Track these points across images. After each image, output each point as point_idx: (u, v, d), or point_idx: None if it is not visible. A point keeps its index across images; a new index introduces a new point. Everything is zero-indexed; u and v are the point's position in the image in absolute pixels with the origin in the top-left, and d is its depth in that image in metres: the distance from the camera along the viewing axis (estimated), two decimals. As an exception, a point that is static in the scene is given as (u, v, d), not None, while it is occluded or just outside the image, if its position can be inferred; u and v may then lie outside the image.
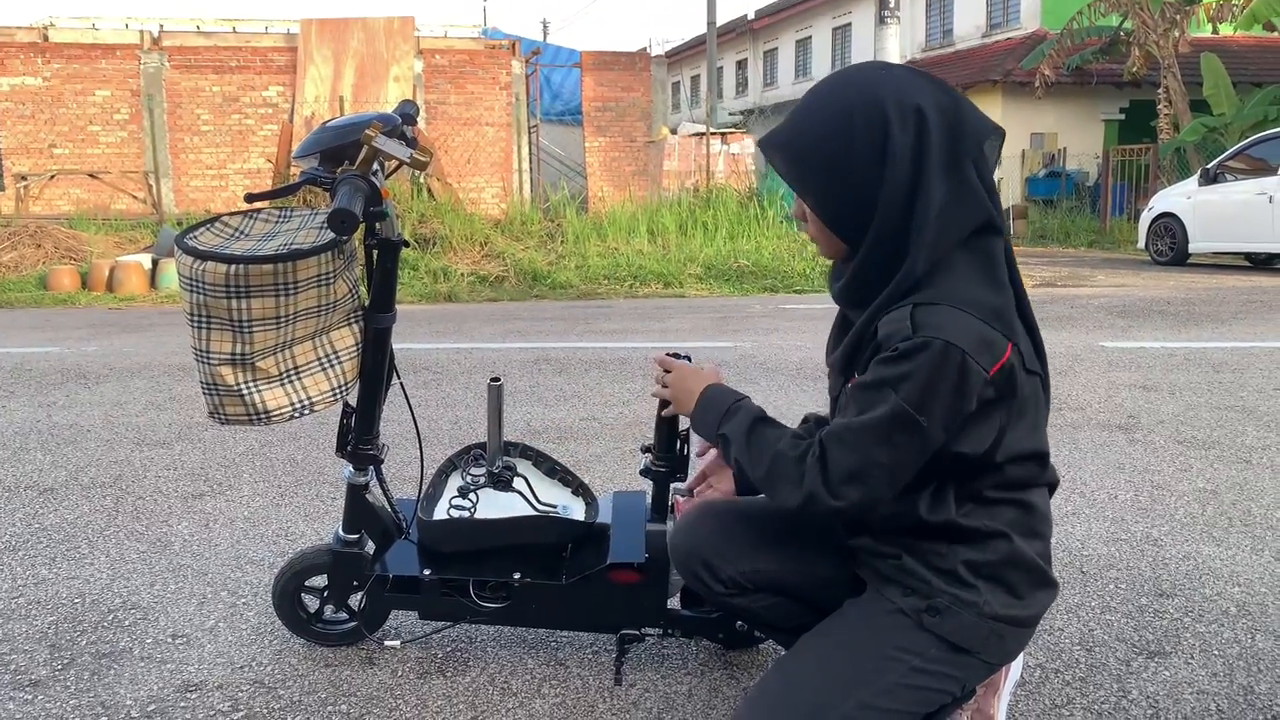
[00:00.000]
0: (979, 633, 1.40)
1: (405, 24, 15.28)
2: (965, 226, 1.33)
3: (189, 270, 1.65)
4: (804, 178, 1.38)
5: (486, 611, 1.94)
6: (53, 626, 2.25)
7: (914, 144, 1.30)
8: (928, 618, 1.40)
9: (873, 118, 1.31)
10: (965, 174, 1.32)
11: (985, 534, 1.39)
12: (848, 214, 1.36)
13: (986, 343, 1.28)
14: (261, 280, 1.63)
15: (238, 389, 1.72)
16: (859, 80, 1.36)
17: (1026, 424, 1.38)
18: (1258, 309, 7.77)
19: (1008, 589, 1.41)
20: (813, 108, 1.38)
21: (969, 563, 1.40)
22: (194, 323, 1.68)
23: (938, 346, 1.26)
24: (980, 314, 1.29)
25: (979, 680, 1.48)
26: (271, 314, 1.66)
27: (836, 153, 1.33)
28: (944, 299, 1.30)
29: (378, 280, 1.83)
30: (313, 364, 1.79)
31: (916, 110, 1.31)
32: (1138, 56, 16.52)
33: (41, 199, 14.51)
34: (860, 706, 1.37)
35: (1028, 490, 1.43)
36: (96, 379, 5.36)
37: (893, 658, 1.40)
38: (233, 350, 1.68)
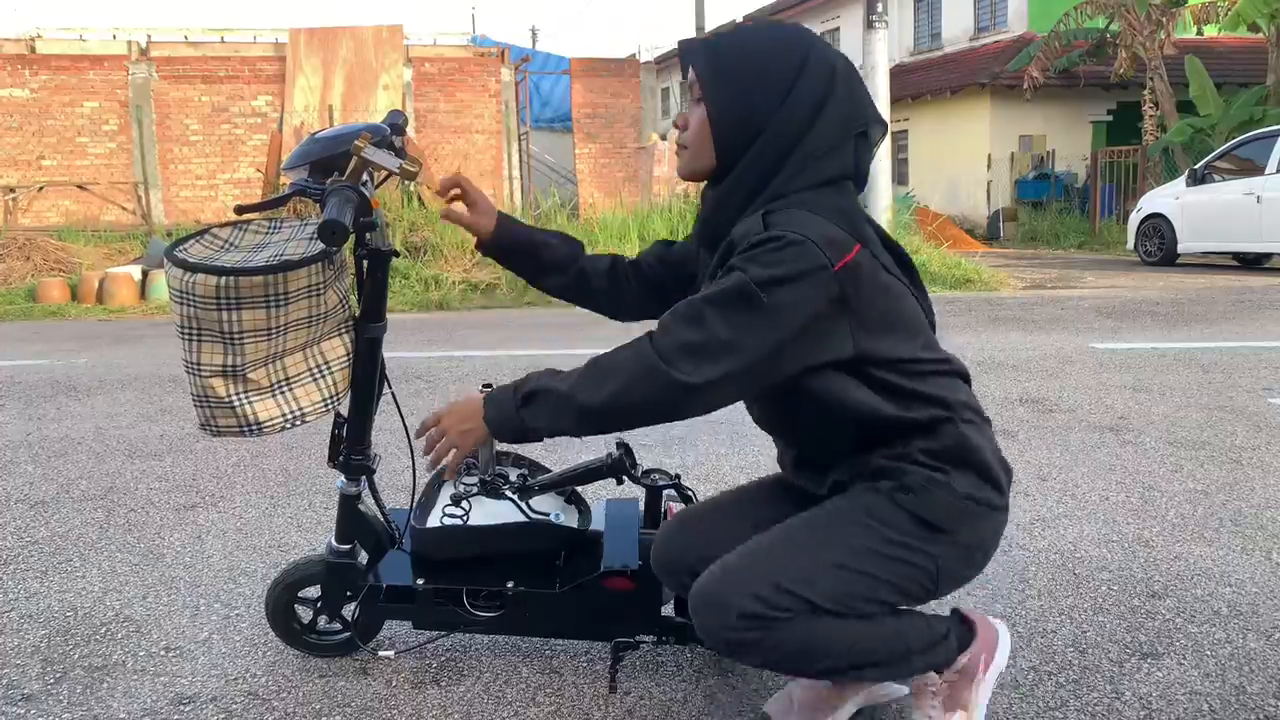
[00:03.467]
0: (951, 509, 1.47)
1: (394, 33, 15.28)
2: (833, 174, 1.45)
3: (179, 283, 1.64)
4: (716, 82, 1.48)
5: (480, 620, 1.94)
6: (45, 640, 2.24)
7: (820, 93, 1.43)
8: (900, 495, 1.47)
9: (793, 56, 1.45)
10: (848, 135, 1.45)
11: (930, 421, 1.47)
12: (737, 130, 1.46)
13: (833, 240, 1.37)
14: (252, 292, 1.63)
15: (229, 401, 1.72)
16: (794, 29, 1.50)
17: (902, 331, 1.47)
18: (1247, 309, 7.80)
19: (974, 471, 1.49)
20: (746, 31, 1.50)
21: (928, 450, 1.48)
22: (184, 335, 1.68)
23: (788, 237, 1.35)
24: (828, 215, 1.40)
25: (953, 568, 1.53)
26: (262, 325, 1.66)
27: (753, 71, 1.45)
28: (793, 204, 1.41)
29: (369, 290, 1.84)
30: (304, 375, 1.79)
31: (831, 68, 1.45)
32: (1124, 58, 16.60)
33: (30, 211, 14.47)
34: (834, 564, 1.44)
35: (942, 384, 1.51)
36: (87, 391, 5.35)
37: (866, 524, 1.47)
38: (224, 362, 1.68)
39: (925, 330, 1.52)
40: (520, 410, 1.47)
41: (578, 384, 1.43)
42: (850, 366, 1.44)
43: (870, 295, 1.41)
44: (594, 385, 1.42)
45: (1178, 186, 12.27)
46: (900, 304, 1.47)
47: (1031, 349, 6.04)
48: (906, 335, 1.47)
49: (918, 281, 1.55)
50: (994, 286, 10.10)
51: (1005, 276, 10.78)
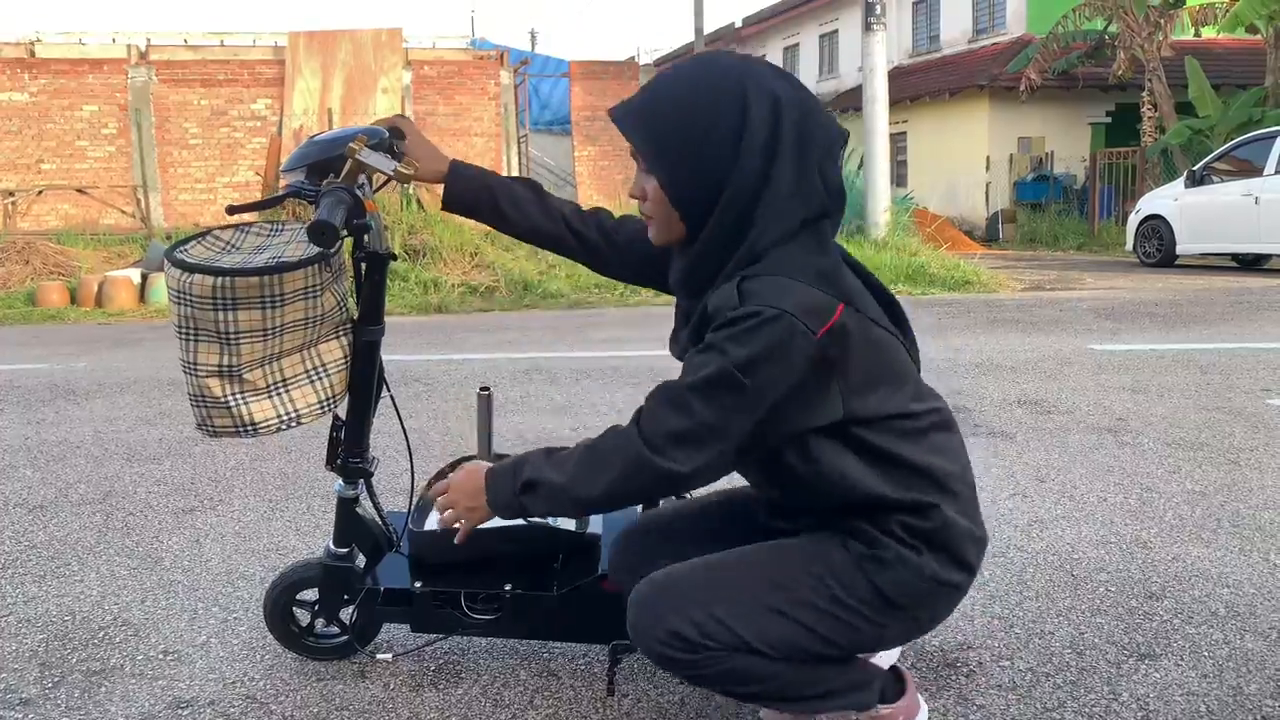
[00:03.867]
0: (915, 590, 1.43)
1: (393, 35, 15.30)
2: (799, 217, 1.36)
3: (177, 283, 1.65)
4: (656, 150, 1.39)
5: (478, 623, 1.94)
6: (43, 644, 2.24)
7: (769, 131, 1.34)
8: (868, 564, 1.43)
9: (734, 99, 1.34)
10: (810, 163, 1.36)
11: (914, 504, 1.43)
12: (694, 192, 1.38)
13: (811, 308, 1.31)
14: (248, 293, 1.63)
15: (225, 401, 1.72)
16: (721, 64, 1.39)
17: (891, 383, 1.41)
18: (1245, 310, 7.81)
19: (948, 554, 1.45)
20: (673, 85, 1.39)
21: (907, 526, 1.43)
22: (182, 335, 1.69)
23: (765, 313, 1.29)
24: (805, 279, 1.33)
25: (900, 639, 1.52)
26: (259, 326, 1.66)
27: (695, 129, 1.35)
28: (769, 271, 1.34)
29: (366, 293, 1.84)
30: (300, 376, 1.79)
31: (774, 98, 1.34)
32: (1123, 60, 16.62)
33: (29, 215, 14.47)
34: (769, 608, 1.42)
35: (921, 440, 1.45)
36: (86, 395, 5.35)
37: (819, 579, 1.44)
38: (220, 362, 1.68)
39: (914, 379, 1.47)
40: (519, 497, 1.49)
41: (574, 476, 1.44)
42: (838, 430, 1.40)
43: (858, 354, 1.36)
44: (588, 477, 1.42)
45: (1176, 188, 12.28)
46: (890, 356, 1.42)
47: (1030, 350, 6.05)
48: (895, 387, 1.42)
49: (904, 325, 1.50)
50: (993, 288, 10.10)
51: (1004, 278, 10.78)
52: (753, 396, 1.31)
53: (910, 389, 1.45)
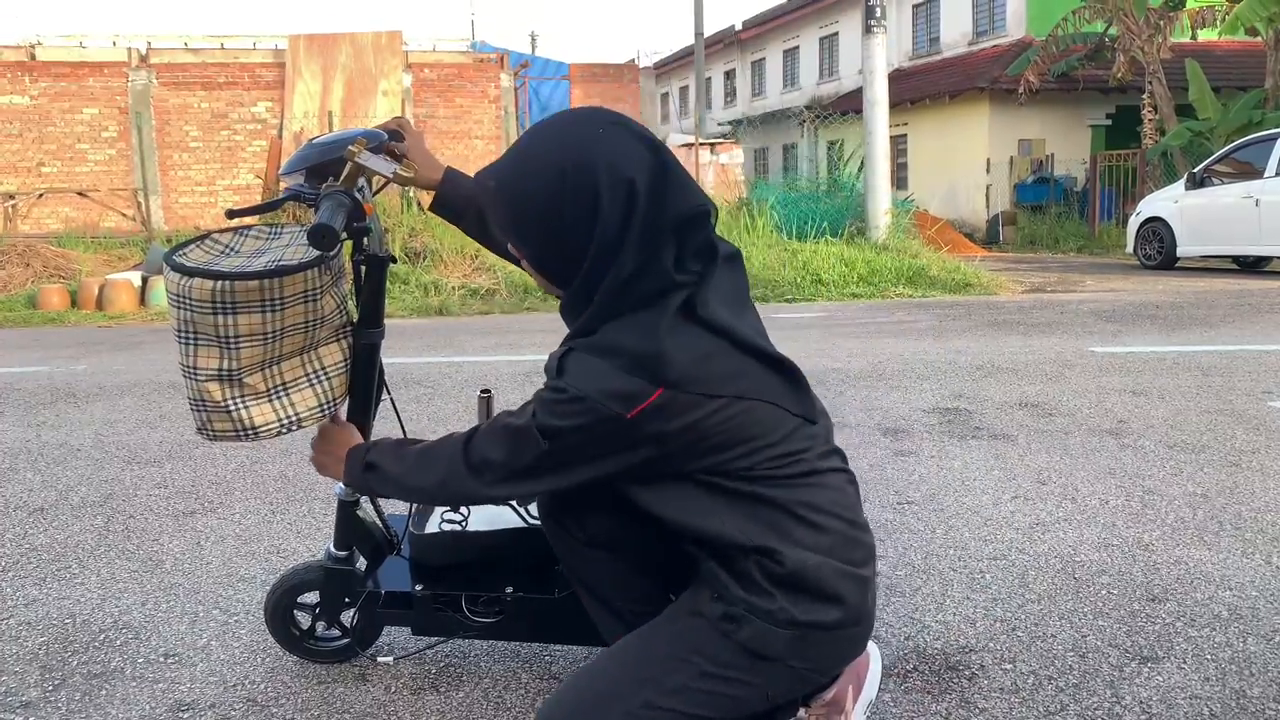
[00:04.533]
0: (778, 640, 1.40)
1: (393, 38, 15.31)
2: (643, 295, 1.36)
3: (176, 287, 1.65)
4: (515, 230, 1.43)
5: (479, 626, 1.94)
6: (43, 647, 2.23)
7: (621, 215, 1.34)
8: (725, 624, 1.41)
9: (584, 185, 1.34)
10: (658, 252, 1.35)
11: (758, 548, 1.40)
12: (559, 267, 1.43)
13: (618, 393, 1.32)
14: (248, 296, 1.63)
15: (225, 405, 1.72)
16: (575, 140, 1.38)
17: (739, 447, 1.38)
18: (1246, 312, 7.81)
19: (810, 594, 1.40)
20: (529, 161, 1.40)
21: (764, 569, 1.40)
22: (181, 339, 1.68)
23: (570, 393, 1.34)
24: (621, 364, 1.33)
25: (793, 688, 1.48)
26: (258, 330, 1.66)
27: (551, 213, 1.37)
28: (591, 348, 1.36)
29: (366, 296, 1.84)
30: (301, 380, 1.79)
31: (628, 182, 1.34)
32: (1123, 62, 16.64)
33: (30, 218, 14.48)
34: (645, 705, 1.40)
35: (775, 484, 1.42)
36: (86, 398, 5.35)
37: (683, 659, 1.42)
38: (220, 366, 1.68)
39: (782, 439, 1.41)
40: (364, 474, 1.64)
41: (407, 470, 1.57)
42: (671, 475, 1.41)
43: (685, 427, 1.34)
44: (419, 475, 1.56)
45: (1177, 190, 12.28)
46: (735, 423, 1.37)
47: (1031, 353, 6.05)
48: (741, 452, 1.39)
49: (794, 377, 1.45)
50: (993, 290, 10.10)
51: (1005, 280, 10.79)
52: (552, 457, 1.39)
53: (768, 449, 1.40)
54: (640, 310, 1.36)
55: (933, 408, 4.53)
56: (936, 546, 2.74)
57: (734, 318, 1.42)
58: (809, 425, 1.46)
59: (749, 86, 31.83)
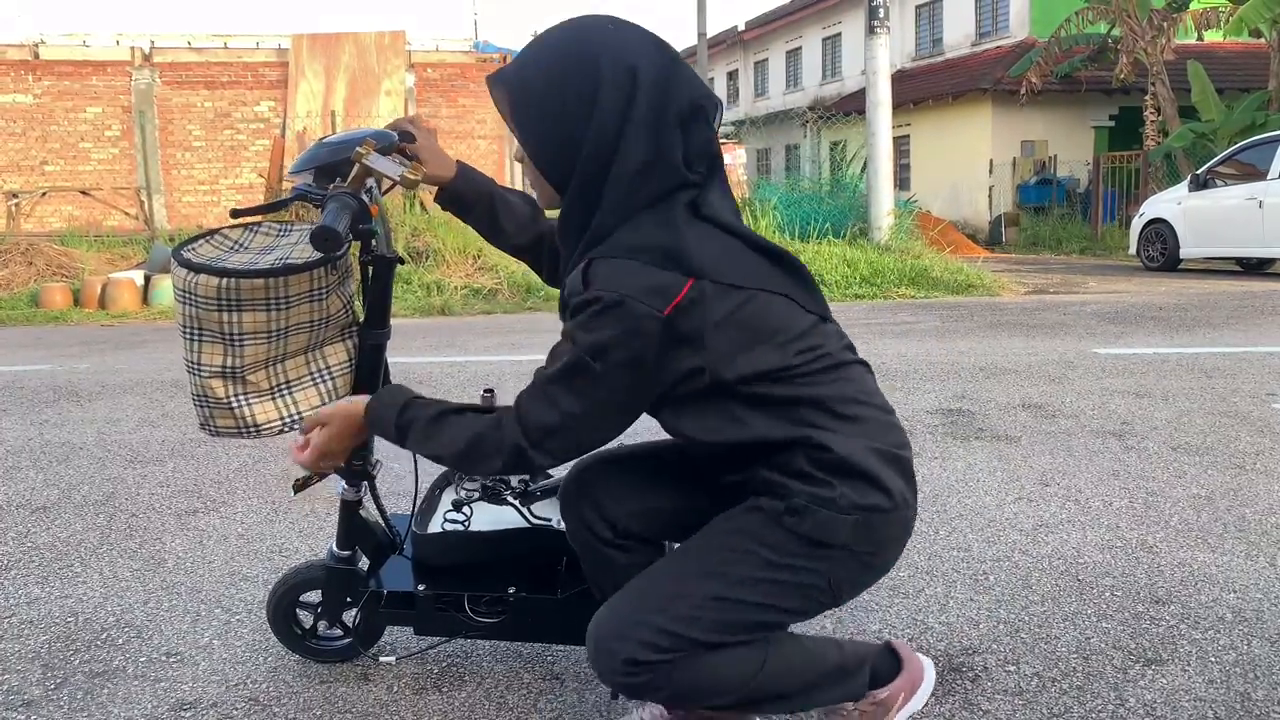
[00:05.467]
0: (840, 525, 1.41)
1: (396, 38, 15.31)
2: (654, 192, 1.37)
3: (182, 282, 1.65)
4: (521, 119, 1.43)
5: (482, 626, 1.93)
6: (46, 646, 2.23)
7: (622, 102, 1.35)
8: (788, 518, 1.41)
9: (586, 69, 1.36)
10: (667, 136, 1.36)
11: (802, 439, 1.41)
12: (556, 159, 1.41)
13: (654, 288, 1.31)
14: (253, 294, 1.63)
15: (227, 402, 1.72)
16: (583, 32, 1.40)
17: (767, 343, 1.39)
18: (1249, 314, 7.79)
19: (865, 479, 1.42)
20: (538, 52, 1.42)
21: (816, 461, 1.41)
22: (186, 335, 1.68)
23: (606, 299, 1.30)
24: (649, 258, 1.33)
25: (854, 583, 1.50)
26: (263, 328, 1.66)
27: (550, 97, 1.38)
28: (614, 251, 1.35)
29: (372, 297, 1.83)
30: (304, 378, 1.78)
31: (630, 70, 1.35)
32: (1126, 64, 16.61)
33: (33, 216, 14.49)
34: (712, 598, 1.41)
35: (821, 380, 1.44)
36: (89, 396, 5.35)
37: (747, 550, 1.42)
38: (223, 363, 1.68)
39: (803, 333, 1.43)
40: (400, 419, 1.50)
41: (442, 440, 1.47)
42: (712, 388, 1.40)
43: (719, 321, 1.35)
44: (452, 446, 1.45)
45: (1180, 191, 12.27)
46: (762, 317, 1.39)
47: (1034, 354, 6.04)
48: (773, 345, 1.40)
49: (800, 275, 1.47)
50: (996, 292, 10.09)
51: (1007, 281, 10.78)
52: (607, 379, 1.33)
53: (795, 346, 1.42)
54: (649, 209, 1.37)
55: (935, 409, 4.52)
56: (940, 548, 2.74)
57: (736, 220, 1.44)
58: (824, 323, 1.48)
59: (752, 87, 31.82)
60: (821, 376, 1.44)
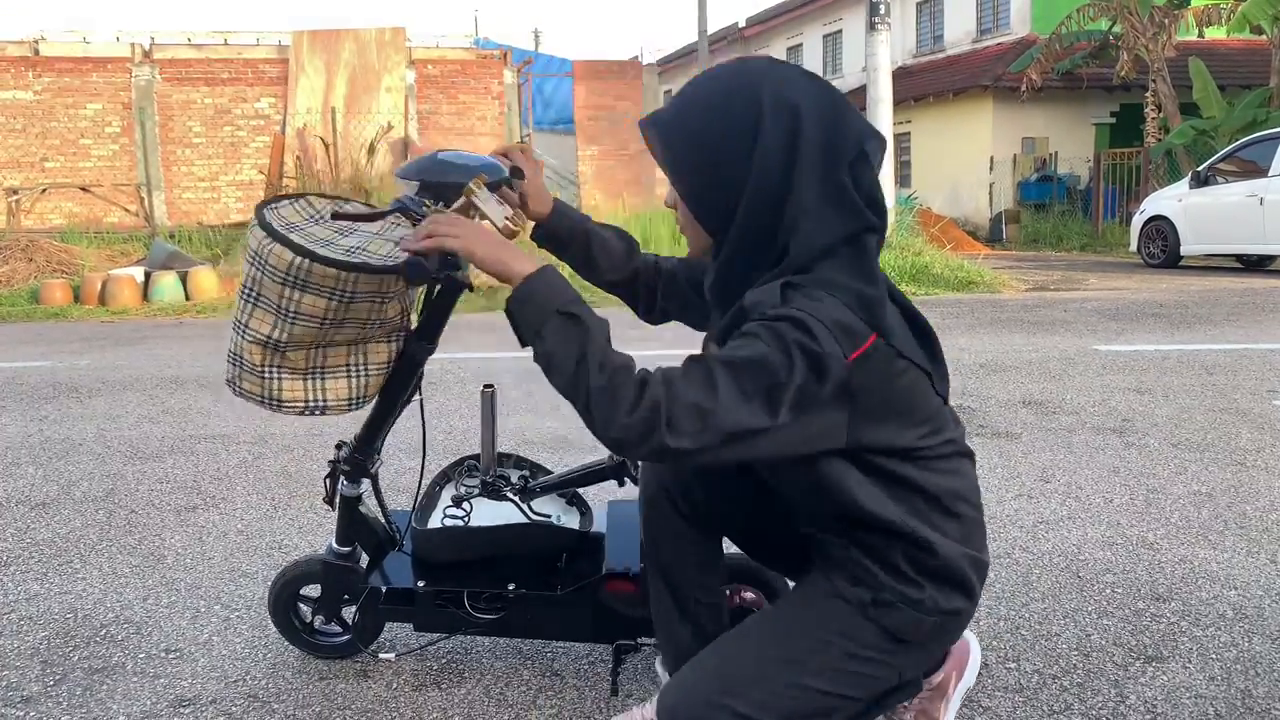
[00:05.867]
0: (923, 627, 1.40)
1: (396, 34, 15.30)
2: (838, 232, 1.32)
3: (257, 244, 1.62)
4: (675, 160, 1.37)
5: (481, 623, 1.93)
6: (45, 642, 2.23)
7: (786, 142, 1.29)
8: (872, 609, 1.40)
9: (747, 107, 1.30)
10: (840, 179, 1.31)
11: (912, 535, 1.38)
12: (714, 203, 1.35)
13: (848, 328, 1.26)
14: (322, 280, 1.61)
15: (260, 370, 1.71)
16: (742, 72, 1.35)
17: (905, 418, 1.37)
18: (1250, 311, 7.79)
19: (953, 585, 1.40)
20: (694, 93, 1.37)
21: (913, 559, 1.39)
22: (243, 295, 1.66)
23: (808, 321, 1.24)
24: (846, 300, 1.28)
25: (920, 667, 1.49)
26: (320, 314, 1.64)
27: (707, 138, 1.32)
28: (816, 282, 1.29)
29: (432, 312, 1.82)
30: (340, 368, 1.77)
31: (792, 107, 1.30)
32: (1127, 60, 16.60)
33: (33, 213, 14.49)
34: (790, 685, 1.38)
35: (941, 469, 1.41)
36: (89, 393, 5.34)
37: (828, 641, 1.40)
38: (269, 334, 1.66)
39: (933, 415, 1.41)
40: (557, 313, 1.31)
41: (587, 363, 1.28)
42: (845, 453, 1.35)
43: (878, 385, 1.31)
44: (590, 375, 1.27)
45: (1181, 189, 12.26)
46: (909, 391, 1.37)
47: (1034, 351, 6.03)
48: (909, 423, 1.37)
49: (935, 351, 1.44)
50: (996, 289, 10.09)
51: (1008, 278, 10.77)
52: (774, 393, 1.24)
53: (927, 427, 1.40)
54: (844, 245, 1.32)
55: (936, 406, 4.51)
56: (940, 544, 2.73)
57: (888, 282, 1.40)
58: (945, 405, 1.45)
59: (752, 84, 31.78)
60: (941, 464, 1.42)
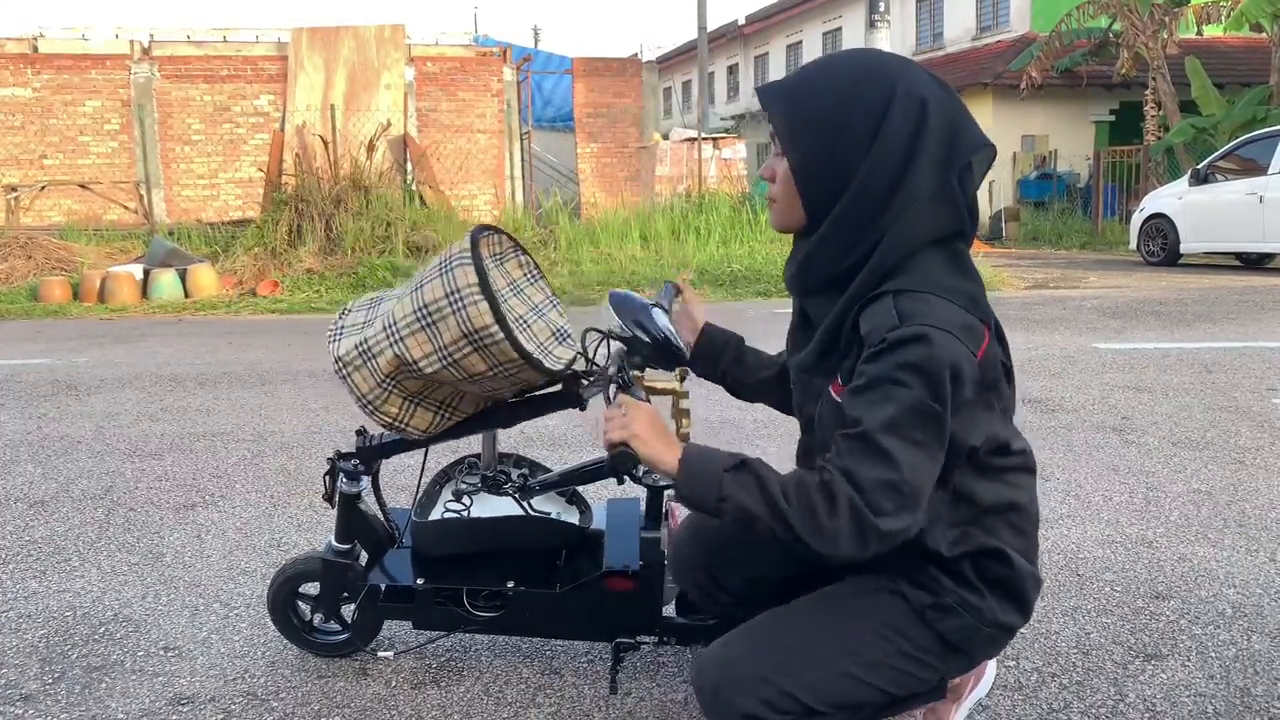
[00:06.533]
0: (977, 636, 1.40)
1: (396, 32, 15.28)
2: (940, 229, 1.32)
3: (462, 282, 1.62)
4: (794, 130, 1.35)
5: (480, 620, 1.93)
6: (43, 640, 2.23)
7: (910, 131, 1.28)
8: (931, 613, 1.39)
9: (878, 92, 1.30)
10: (950, 178, 1.31)
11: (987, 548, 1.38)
12: (822, 178, 1.33)
13: (971, 329, 1.26)
14: (497, 355, 1.64)
15: (380, 379, 1.72)
16: (876, 58, 1.35)
17: (1005, 412, 1.38)
18: (1250, 309, 7.78)
19: (1011, 598, 1.41)
20: (825, 68, 1.36)
21: (979, 568, 1.39)
22: (418, 310, 1.66)
23: (932, 335, 1.22)
24: (960, 301, 1.28)
25: (959, 674, 1.49)
26: (473, 372, 1.67)
27: (833, 114, 1.31)
28: (923, 286, 1.28)
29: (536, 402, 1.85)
30: (435, 403, 1.80)
31: (921, 101, 1.29)
32: (1127, 58, 16.57)
33: (32, 210, 14.47)
34: (843, 674, 1.38)
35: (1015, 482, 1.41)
36: (88, 390, 5.34)
37: (885, 637, 1.40)
38: (418, 360, 1.67)
39: (1011, 413, 1.41)
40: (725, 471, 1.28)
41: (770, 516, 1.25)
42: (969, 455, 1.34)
43: (992, 383, 1.32)
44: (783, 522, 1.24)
45: (1180, 186, 12.24)
46: (1000, 395, 1.37)
47: (1034, 349, 6.03)
48: (1006, 418, 1.38)
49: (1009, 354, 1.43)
50: (996, 286, 10.08)
51: (1008, 276, 10.76)
52: (943, 426, 1.22)
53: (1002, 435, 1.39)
54: (933, 247, 1.31)
55: (935, 403, 4.51)
56: (939, 542, 2.73)
57: None
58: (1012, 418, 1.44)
59: (752, 81, 31.76)
60: (1012, 477, 1.41)
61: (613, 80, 17.55)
